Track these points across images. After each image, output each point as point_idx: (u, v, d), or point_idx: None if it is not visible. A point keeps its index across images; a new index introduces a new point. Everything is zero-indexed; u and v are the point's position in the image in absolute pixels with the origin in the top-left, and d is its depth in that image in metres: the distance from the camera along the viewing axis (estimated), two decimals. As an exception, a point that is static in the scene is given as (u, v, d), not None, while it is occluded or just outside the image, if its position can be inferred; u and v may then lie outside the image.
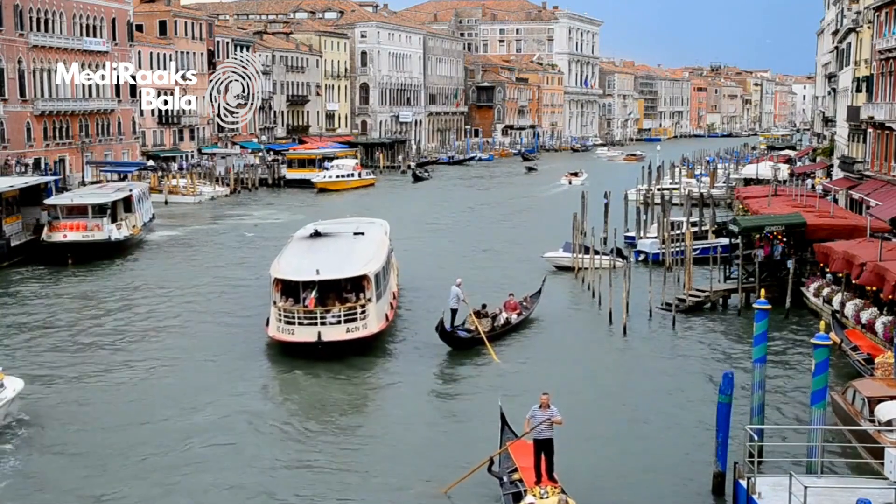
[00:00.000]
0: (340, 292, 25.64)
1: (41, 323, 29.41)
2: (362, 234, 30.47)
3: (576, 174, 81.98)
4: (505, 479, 15.70)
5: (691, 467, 17.21)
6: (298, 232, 31.93)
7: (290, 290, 25.67)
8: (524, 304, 28.67)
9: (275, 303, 25.41)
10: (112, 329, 28.61)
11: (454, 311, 25.46)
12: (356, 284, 25.75)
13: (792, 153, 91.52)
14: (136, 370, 24.09)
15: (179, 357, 25.41)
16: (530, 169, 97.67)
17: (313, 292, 24.96)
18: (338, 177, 73.81)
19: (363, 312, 24.94)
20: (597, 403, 21.33)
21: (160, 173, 67.86)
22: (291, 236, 31.74)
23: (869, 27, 45.00)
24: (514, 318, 27.43)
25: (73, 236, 39.82)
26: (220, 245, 46.37)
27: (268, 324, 25.77)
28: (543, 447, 15.22)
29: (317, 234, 30.30)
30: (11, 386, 20.01)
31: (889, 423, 16.85)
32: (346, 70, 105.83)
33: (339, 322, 24.63)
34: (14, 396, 19.83)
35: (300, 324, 24.54)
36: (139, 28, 74.56)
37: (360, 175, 76.88)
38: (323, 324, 24.40)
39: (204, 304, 32.09)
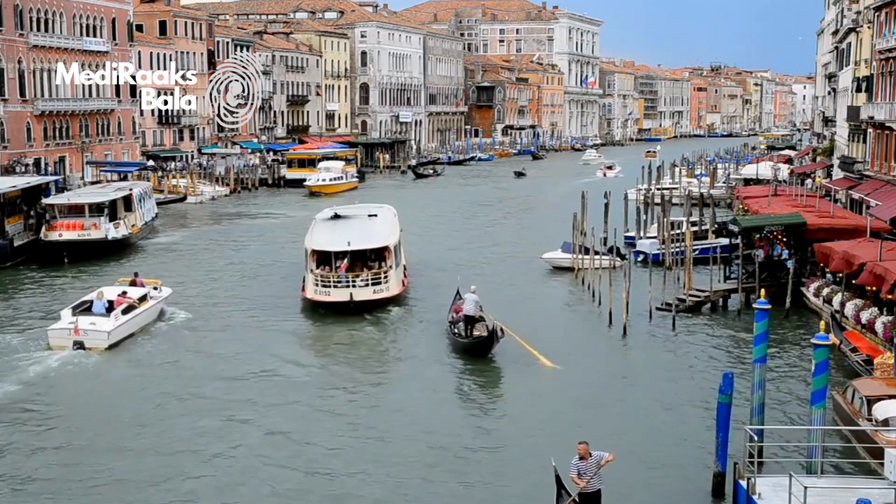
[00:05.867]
0: (366, 261, 30.72)
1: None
2: (375, 215, 35.12)
3: (610, 167, 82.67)
4: None
5: (691, 467, 17.22)
6: (319, 215, 35.81)
7: (323, 259, 30.49)
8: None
9: (311, 270, 30.04)
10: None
11: (470, 319, 25.09)
12: (379, 254, 30.85)
13: (792, 153, 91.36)
14: (196, 331, 28.19)
15: (229, 315, 29.89)
16: (520, 174, 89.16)
17: (345, 260, 29.99)
18: (331, 180, 72.74)
19: (386, 277, 30.00)
20: (597, 403, 21.35)
21: (160, 173, 67.80)
22: (314, 218, 35.48)
23: (869, 27, 44.98)
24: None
25: (68, 235, 39.69)
26: (223, 241, 46.76)
27: (303, 289, 30.62)
28: (590, 502, 13.59)
29: (337, 216, 34.52)
30: (166, 290, 29.04)
31: (886, 421, 16.88)
32: (346, 70, 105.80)
33: (366, 285, 29.71)
34: (167, 296, 28.84)
35: (335, 286, 29.43)
36: (139, 28, 74.52)
37: (347, 177, 75.42)
38: (354, 286, 29.42)
39: (229, 283, 35.92)
